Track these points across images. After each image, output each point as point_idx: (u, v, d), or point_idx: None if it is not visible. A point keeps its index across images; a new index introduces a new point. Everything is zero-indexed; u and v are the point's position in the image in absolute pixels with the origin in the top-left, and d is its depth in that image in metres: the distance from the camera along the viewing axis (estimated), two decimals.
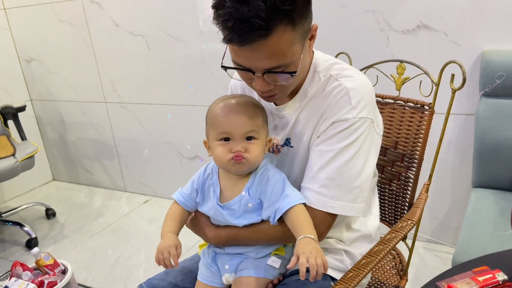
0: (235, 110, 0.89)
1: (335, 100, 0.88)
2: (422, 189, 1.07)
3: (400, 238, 0.93)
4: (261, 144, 0.91)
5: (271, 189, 0.90)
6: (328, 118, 0.89)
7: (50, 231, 2.48)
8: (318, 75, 0.93)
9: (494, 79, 1.57)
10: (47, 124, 3.10)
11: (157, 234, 2.29)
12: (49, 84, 2.93)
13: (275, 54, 0.78)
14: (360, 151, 0.87)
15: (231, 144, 0.88)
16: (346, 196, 0.88)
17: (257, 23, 0.73)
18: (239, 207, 0.92)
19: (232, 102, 0.91)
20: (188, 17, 2.22)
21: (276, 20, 0.74)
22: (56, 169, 3.26)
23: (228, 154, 0.88)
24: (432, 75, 1.07)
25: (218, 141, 0.90)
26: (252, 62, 0.81)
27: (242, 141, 0.88)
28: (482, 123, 1.60)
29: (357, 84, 0.88)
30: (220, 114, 0.90)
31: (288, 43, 0.79)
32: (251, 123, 0.88)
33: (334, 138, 0.88)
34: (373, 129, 0.90)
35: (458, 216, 1.91)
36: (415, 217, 0.97)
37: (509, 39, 1.61)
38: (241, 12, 0.73)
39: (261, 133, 0.90)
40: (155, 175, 2.75)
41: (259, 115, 0.91)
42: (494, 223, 1.40)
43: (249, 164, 0.89)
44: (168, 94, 2.47)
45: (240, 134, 0.88)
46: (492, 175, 1.61)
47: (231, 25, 0.75)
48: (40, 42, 2.82)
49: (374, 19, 1.80)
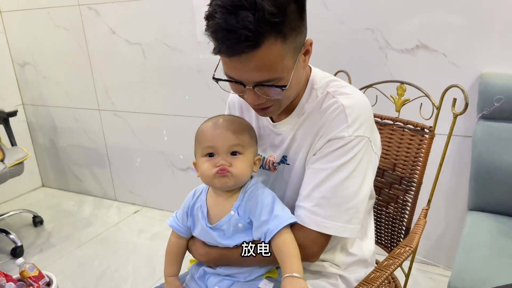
0: (220, 126, 0.90)
1: (331, 117, 0.86)
2: (420, 214, 1.05)
3: (398, 265, 0.91)
4: (247, 160, 0.90)
5: (260, 208, 0.87)
6: (324, 136, 0.87)
7: (37, 239, 2.42)
8: (316, 92, 0.91)
9: (492, 102, 1.57)
10: (39, 129, 3.05)
11: (146, 246, 2.28)
12: (42, 89, 2.89)
13: (265, 67, 0.77)
14: (356, 170, 0.85)
15: (215, 159, 0.88)
16: (341, 217, 0.85)
17: (245, 34, 0.72)
18: (229, 227, 0.90)
19: (219, 119, 0.92)
20: (185, 27, 2.20)
21: (264, 32, 0.73)
22: (45, 175, 3.20)
23: (213, 169, 0.87)
24: (433, 98, 1.06)
25: (203, 157, 0.90)
26: (242, 74, 0.80)
27: (226, 155, 0.88)
28: (479, 146, 1.59)
29: (354, 102, 0.87)
30: (205, 130, 0.91)
31: (278, 57, 0.77)
32: (235, 137, 0.88)
33: (330, 156, 0.86)
34: (370, 148, 0.88)
35: (452, 238, 1.90)
36: (413, 244, 0.95)
37: (508, 62, 1.61)
38: (229, 23, 0.72)
39: (246, 149, 0.89)
40: (147, 185, 2.71)
41: (245, 131, 0.91)
42: (490, 248, 1.38)
43: (234, 179, 0.88)
44: (163, 104, 2.44)
45: (224, 148, 0.88)
46: (488, 198, 1.59)
47: (220, 36, 0.74)
48: (35, 46, 2.79)
49: (373, 37, 1.80)
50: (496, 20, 1.57)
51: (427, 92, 1.07)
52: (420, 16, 1.69)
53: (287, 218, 0.86)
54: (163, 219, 2.56)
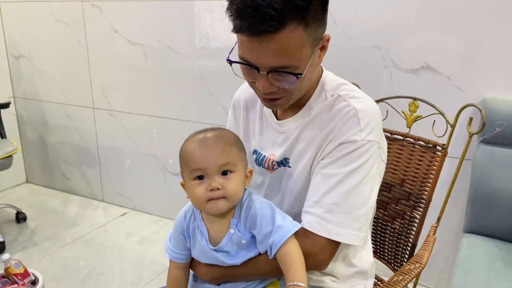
0: (206, 144, 0.82)
1: (343, 120, 0.85)
2: (430, 231, 1.04)
3: (408, 281, 0.89)
4: (240, 178, 0.83)
5: (260, 221, 0.83)
6: (335, 139, 0.85)
7: (19, 236, 2.34)
8: (325, 93, 0.90)
9: (494, 127, 1.59)
10: (28, 123, 2.98)
11: (133, 250, 2.22)
12: (36, 83, 2.83)
13: (283, 52, 0.76)
14: (367, 177, 0.84)
15: (206, 181, 0.81)
16: (352, 224, 0.83)
17: (270, 14, 0.71)
18: (232, 246, 0.86)
19: (201, 136, 0.84)
20: (190, 32, 2.19)
21: (289, 14, 0.72)
22: (31, 171, 3.12)
23: (205, 194, 0.81)
24: (447, 116, 1.06)
25: (193, 181, 0.82)
26: (259, 57, 0.78)
27: (218, 176, 0.81)
28: (478, 170, 1.61)
29: (366, 106, 0.86)
30: (191, 150, 0.83)
31: (298, 43, 0.76)
32: (224, 155, 0.81)
33: (341, 161, 0.84)
34: (379, 155, 0.87)
35: (444, 260, 1.90)
36: (423, 260, 0.94)
37: (510, 88, 1.63)
38: (255, 1, 0.72)
39: (238, 164, 0.83)
40: (137, 188, 2.66)
41: (233, 146, 0.84)
42: (488, 272, 1.38)
43: (230, 201, 0.82)
44: (161, 107, 2.41)
45: (214, 169, 0.80)
46: (485, 222, 1.60)
47: (244, 14, 0.73)
48: (32, 39, 2.74)
49: (379, 55, 1.81)
50: (500, 47, 1.60)
51: (441, 110, 1.08)
52: (426, 37, 1.71)
53: (290, 228, 0.83)
54: (152, 223, 2.51)
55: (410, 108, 1.17)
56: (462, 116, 1.12)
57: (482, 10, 1.59)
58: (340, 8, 1.81)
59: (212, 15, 2.11)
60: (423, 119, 1.18)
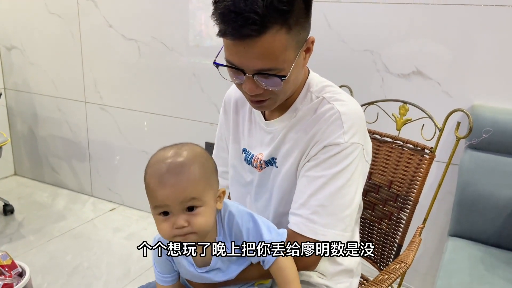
0: (167, 180, 0.74)
1: (327, 123, 0.87)
2: (416, 232, 1.06)
3: (393, 280, 0.91)
4: (208, 210, 0.77)
5: (246, 236, 0.81)
6: (319, 142, 0.87)
7: (6, 229, 2.32)
8: (311, 94, 0.92)
9: (481, 133, 1.62)
10: (18, 115, 2.96)
11: (121, 245, 2.22)
12: (27, 75, 2.81)
13: (267, 55, 0.78)
14: (351, 179, 0.86)
15: (171, 218, 0.75)
16: (338, 225, 0.86)
17: (252, 18, 0.73)
18: (223, 263, 0.85)
19: (162, 166, 0.76)
20: (184, 29, 2.20)
21: (271, 18, 0.74)
22: (19, 164, 3.09)
23: (172, 231, 0.76)
24: (436, 120, 1.09)
25: (158, 215, 0.76)
26: (244, 60, 0.80)
27: (182, 213, 0.75)
28: (465, 174, 1.64)
29: (349, 109, 0.88)
30: (151, 184, 0.76)
31: (281, 46, 0.78)
32: (187, 192, 0.74)
33: (326, 163, 0.86)
34: (363, 156, 0.89)
35: (428, 262, 1.93)
36: (408, 260, 0.96)
37: (497, 96, 1.67)
38: (237, 6, 0.74)
39: (205, 196, 0.76)
40: (126, 183, 2.66)
41: (199, 178, 0.76)
42: (471, 275, 1.41)
43: (198, 235, 0.76)
44: (153, 103, 2.41)
45: (177, 206, 0.74)
46: (470, 226, 1.63)
47: (227, 19, 0.75)
48: (24, 31, 2.72)
49: (372, 59, 1.84)
50: (489, 55, 1.63)
51: (430, 114, 1.10)
52: (418, 44, 1.74)
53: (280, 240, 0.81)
54: (140, 219, 2.50)
55: (400, 112, 1.19)
56: (451, 121, 1.15)
57: (472, 19, 1.62)
58: (334, 12, 1.83)
59: (207, 13, 2.12)
60: (412, 123, 1.20)
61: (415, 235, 1.06)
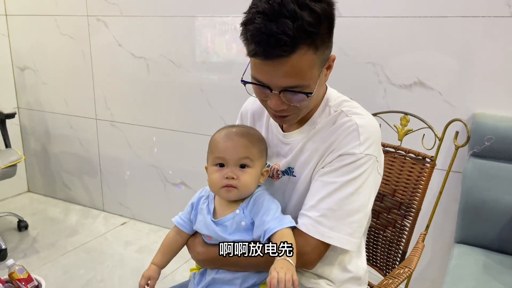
0: (232, 138, 0.95)
1: (344, 134, 0.91)
2: (418, 238, 1.10)
3: (397, 285, 0.95)
4: (254, 173, 0.93)
5: (264, 211, 0.92)
6: (335, 151, 0.91)
7: (20, 244, 2.38)
8: (329, 109, 0.97)
9: (483, 141, 1.65)
10: (31, 134, 3.04)
11: (133, 258, 2.26)
12: (40, 94, 2.90)
13: (295, 73, 0.82)
14: (362, 187, 0.90)
15: (225, 170, 0.92)
16: (344, 229, 0.90)
17: (283, 40, 0.77)
18: (232, 224, 0.94)
19: (232, 130, 0.96)
20: (191, 46, 2.27)
21: (300, 39, 0.79)
22: (32, 181, 3.17)
23: (221, 181, 0.92)
24: (436, 130, 1.13)
25: (214, 166, 0.94)
26: (272, 78, 0.84)
27: (235, 167, 0.92)
28: (469, 182, 1.67)
29: (366, 123, 0.92)
30: (218, 140, 0.96)
31: (308, 65, 0.83)
32: (245, 150, 0.92)
33: (339, 171, 0.90)
34: (376, 169, 0.93)
35: (435, 269, 1.95)
36: (412, 265, 0.99)
37: (498, 105, 1.70)
38: (269, 28, 0.78)
39: (255, 162, 0.94)
40: (137, 198, 2.71)
41: (256, 145, 0.95)
42: (477, 280, 1.43)
43: (239, 191, 0.92)
44: (162, 118, 2.48)
45: (233, 160, 0.92)
46: (475, 232, 1.66)
47: (258, 40, 0.80)
48: (37, 51, 2.82)
49: (374, 71, 1.88)
50: (489, 65, 1.67)
51: (430, 124, 1.14)
52: (419, 55, 1.78)
53: (287, 222, 0.90)
54: (151, 233, 2.55)
55: (401, 122, 1.23)
56: (452, 130, 1.19)
57: (471, 30, 1.66)
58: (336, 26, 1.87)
59: (213, 31, 2.19)
60: (413, 133, 1.24)
61: (418, 241, 1.09)
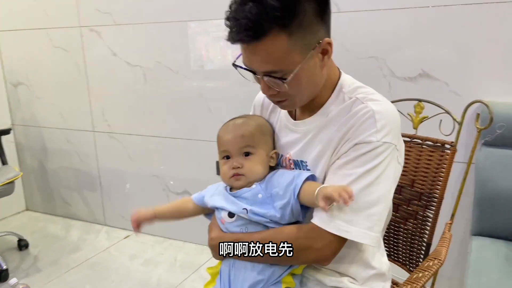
0: (231, 130, 0.98)
1: (359, 121, 0.86)
2: (445, 228, 1.05)
3: (429, 277, 0.90)
4: (259, 159, 0.96)
5: (280, 178, 0.93)
6: (351, 139, 0.86)
7: (22, 263, 2.30)
8: (343, 95, 0.92)
9: (494, 129, 1.61)
10: (27, 150, 2.97)
11: (139, 271, 2.20)
12: (35, 109, 2.84)
13: (269, 58, 0.82)
14: (381, 177, 0.85)
15: (230, 161, 0.96)
16: (363, 223, 0.84)
17: (245, 24, 0.78)
18: (249, 195, 0.94)
19: (230, 123, 1.01)
20: (187, 51, 2.23)
21: (265, 25, 0.78)
22: (30, 199, 3.09)
23: (229, 171, 0.96)
24: (454, 115, 1.09)
25: (222, 160, 0.99)
26: (252, 63, 0.85)
27: (239, 157, 0.96)
28: (482, 172, 1.62)
29: (384, 108, 0.87)
30: (220, 134, 1.00)
31: (283, 50, 0.80)
32: (244, 140, 0.96)
33: (356, 162, 0.85)
34: (396, 158, 0.88)
35: (452, 266, 1.89)
36: (442, 256, 0.94)
37: (506, 92, 1.67)
38: (237, 13, 0.80)
39: (257, 148, 0.96)
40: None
41: (255, 132, 0.98)
42: (500, 272, 1.38)
43: (247, 178, 0.95)
44: (161, 127, 2.42)
45: (235, 150, 0.96)
46: (492, 224, 1.61)
47: (229, 25, 0.82)
48: (30, 66, 2.76)
49: (377, 65, 1.85)
50: (495, 52, 1.64)
51: (447, 109, 1.10)
52: (423, 46, 1.75)
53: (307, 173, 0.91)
54: (156, 245, 2.48)
55: (415, 110, 1.19)
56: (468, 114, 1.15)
57: (473, 17, 1.63)
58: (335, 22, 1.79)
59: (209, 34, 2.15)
60: (427, 121, 1.20)
61: (445, 231, 1.04)
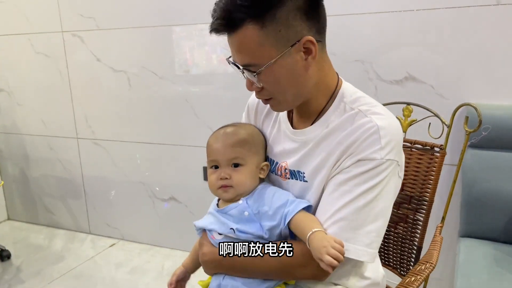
0: (220, 139, 0.96)
1: (363, 136, 0.83)
2: (436, 231, 1.05)
3: (420, 281, 0.89)
4: (248, 171, 0.94)
5: (271, 196, 0.91)
6: (354, 155, 0.84)
7: (4, 275, 2.24)
8: (344, 105, 0.89)
9: (480, 131, 1.62)
10: (8, 158, 2.90)
11: (125, 280, 2.15)
12: (16, 116, 2.77)
13: (243, 50, 0.83)
14: (381, 194, 0.83)
15: (218, 171, 0.94)
16: (361, 240, 0.83)
17: (220, 14, 0.81)
18: (235, 213, 0.92)
19: (220, 132, 0.98)
20: (172, 56, 2.20)
21: (238, 14, 0.79)
22: (12, 208, 3.01)
23: (217, 182, 0.94)
24: (443, 118, 1.09)
25: (210, 169, 0.96)
26: (233, 56, 0.87)
27: (227, 168, 0.93)
28: (469, 174, 1.64)
29: (388, 124, 0.84)
30: (210, 143, 0.97)
31: (255, 42, 0.81)
32: (233, 150, 0.93)
33: (358, 179, 0.83)
34: (397, 173, 0.86)
35: (440, 267, 1.90)
36: (433, 260, 0.94)
37: (490, 94, 1.69)
38: (218, 4, 0.82)
39: (247, 160, 0.94)
40: (125, 217, 2.60)
41: (245, 143, 0.95)
42: (489, 273, 1.39)
43: (235, 190, 0.93)
44: (147, 132, 2.39)
45: (224, 161, 0.94)
46: (480, 225, 1.62)
47: (212, 14, 0.84)
48: (10, 72, 2.70)
49: (363, 69, 1.85)
50: (480, 54, 1.66)
51: (436, 112, 1.10)
52: (408, 49, 1.76)
53: (304, 202, 0.88)
54: (142, 252, 2.44)
55: (404, 113, 1.19)
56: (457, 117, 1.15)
57: (457, 21, 1.65)
58: None
59: (194, 39, 2.13)
60: (416, 124, 1.20)
61: (436, 234, 1.04)
